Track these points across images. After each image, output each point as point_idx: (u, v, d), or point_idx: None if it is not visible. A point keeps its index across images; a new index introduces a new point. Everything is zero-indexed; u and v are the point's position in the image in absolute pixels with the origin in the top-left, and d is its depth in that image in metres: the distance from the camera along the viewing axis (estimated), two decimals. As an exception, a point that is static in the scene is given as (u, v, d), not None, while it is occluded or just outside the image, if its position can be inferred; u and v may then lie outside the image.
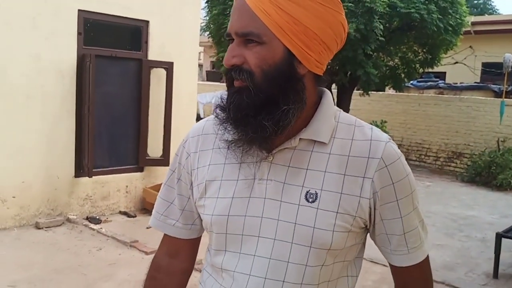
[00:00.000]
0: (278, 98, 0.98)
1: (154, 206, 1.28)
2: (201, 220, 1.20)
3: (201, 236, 1.27)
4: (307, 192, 1.02)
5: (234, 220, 1.06)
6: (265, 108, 0.98)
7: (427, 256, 1.13)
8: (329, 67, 1.12)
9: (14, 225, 5.40)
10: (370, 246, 1.19)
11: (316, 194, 1.01)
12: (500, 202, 8.51)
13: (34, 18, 5.37)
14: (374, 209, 1.04)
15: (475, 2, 29.82)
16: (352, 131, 1.06)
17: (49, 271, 4.37)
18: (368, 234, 1.12)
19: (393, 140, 1.09)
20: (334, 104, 1.11)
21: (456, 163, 11.11)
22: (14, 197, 5.38)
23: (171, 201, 1.23)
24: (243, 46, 0.99)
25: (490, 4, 30.34)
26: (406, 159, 1.09)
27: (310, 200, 1.01)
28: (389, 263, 1.14)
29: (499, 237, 4.95)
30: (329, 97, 1.08)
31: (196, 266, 1.37)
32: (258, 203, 1.05)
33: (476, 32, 14.21)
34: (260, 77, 0.98)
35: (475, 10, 26.04)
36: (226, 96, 1.03)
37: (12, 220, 5.39)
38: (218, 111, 1.04)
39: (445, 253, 5.51)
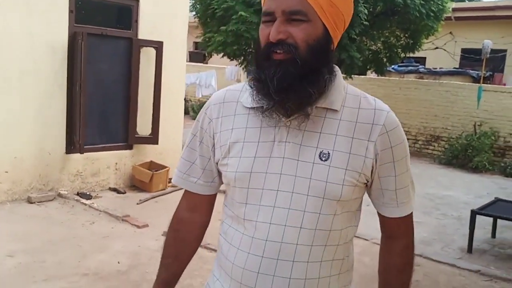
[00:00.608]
0: (319, 68, 1.17)
1: (177, 166, 1.44)
2: (220, 178, 1.37)
3: (217, 193, 1.44)
4: (321, 152, 1.20)
5: (256, 176, 1.23)
6: (308, 77, 1.16)
7: (412, 212, 1.34)
8: None
9: (6, 200, 5.50)
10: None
11: (329, 153, 1.20)
12: (475, 184, 8.86)
13: (28, -5, 5.42)
14: (375, 168, 1.24)
15: (456, -12, 30.10)
16: (359, 101, 1.25)
17: (45, 243, 4.51)
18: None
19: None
20: None
21: (434, 146, 11.43)
22: (6, 172, 5.48)
23: (193, 161, 1.39)
24: (287, 23, 1.16)
25: (471, -9, 30.69)
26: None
27: (323, 159, 1.20)
28: (379, 214, 1.35)
29: (474, 214, 5.23)
30: (339, 71, 1.26)
31: (202, 243, 1.54)
32: (277, 161, 1.22)
33: (456, 18, 14.47)
34: (305, 50, 1.15)
35: (455, -4, 26.36)
36: (259, 69, 1.19)
37: (5, 194, 5.49)
38: (254, 82, 1.20)
39: (422, 229, 5.79)
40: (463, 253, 5.19)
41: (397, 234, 1.36)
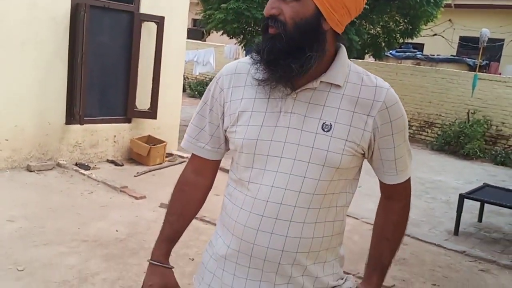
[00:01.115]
0: (304, 46, 1.25)
1: (186, 131, 1.54)
2: (226, 145, 1.48)
3: (221, 159, 1.55)
4: (323, 123, 1.31)
5: (262, 143, 1.34)
6: (293, 53, 1.25)
7: (409, 178, 1.47)
8: None
9: (6, 167, 5.59)
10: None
11: (331, 125, 1.31)
12: (466, 170, 9.03)
13: (31, -35, 5.43)
14: (374, 140, 1.35)
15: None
16: (361, 78, 1.35)
17: (44, 210, 4.62)
18: (366, 160, 1.43)
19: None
20: None
21: (428, 132, 11.57)
22: (7, 140, 5.56)
23: (202, 127, 1.49)
24: (282, 0, 1.25)
25: (472, -21, 30.54)
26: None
27: (326, 130, 1.30)
28: (380, 181, 1.47)
29: (462, 198, 5.39)
30: (344, 50, 1.36)
31: (198, 216, 1.63)
32: (282, 130, 1.33)
33: (456, 6, 14.52)
34: (292, 27, 1.24)
35: (456, -17, 26.25)
36: (261, 41, 1.29)
37: (5, 162, 5.58)
38: (253, 53, 1.30)
39: (411, 211, 5.72)
40: (449, 235, 5.36)
41: (396, 196, 1.50)
